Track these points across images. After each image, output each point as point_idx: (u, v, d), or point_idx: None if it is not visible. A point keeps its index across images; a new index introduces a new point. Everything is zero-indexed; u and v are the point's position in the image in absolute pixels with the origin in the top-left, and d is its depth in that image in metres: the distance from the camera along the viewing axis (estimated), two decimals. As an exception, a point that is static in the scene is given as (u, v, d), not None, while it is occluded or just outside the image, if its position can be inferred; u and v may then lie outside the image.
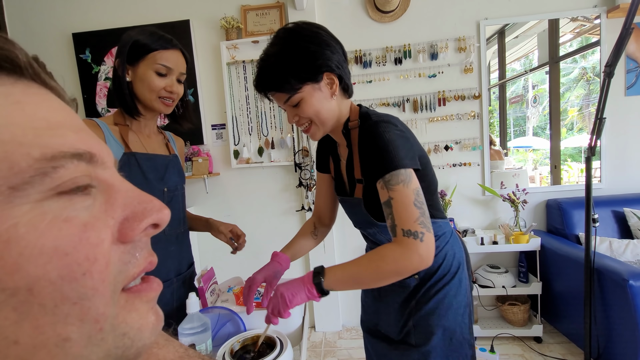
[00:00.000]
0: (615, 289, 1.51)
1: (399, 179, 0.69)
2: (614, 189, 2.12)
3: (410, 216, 0.68)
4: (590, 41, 2.38)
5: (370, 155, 0.74)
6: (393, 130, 0.73)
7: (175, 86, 0.88)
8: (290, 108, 0.77)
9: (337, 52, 0.76)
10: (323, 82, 0.75)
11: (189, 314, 0.66)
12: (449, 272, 0.84)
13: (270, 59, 0.74)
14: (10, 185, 0.16)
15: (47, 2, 2.26)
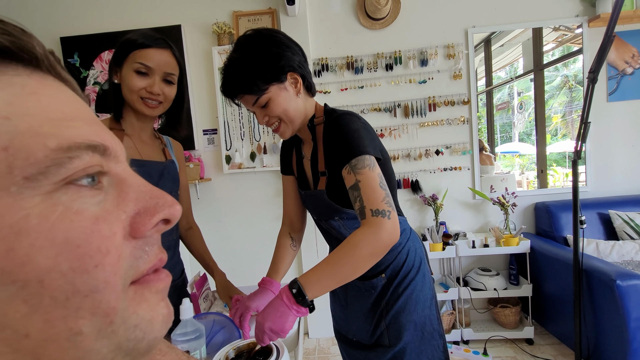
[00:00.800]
0: (603, 289, 1.54)
1: (364, 163, 0.74)
2: (599, 192, 2.18)
3: (377, 197, 0.71)
4: (572, 50, 2.47)
5: (336, 144, 0.78)
6: (357, 122, 0.79)
7: (157, 86, 0.83)
8: (259, 109, 0.80)
9: (297, 53, 0.81)
10: (287, 81, 0.79)
11: (183, 320, 0.64)
12: (413, 267, 0.87)
13: (235, 64, 0.77)
14: (25, 175, 0.16)
15: (35, 6, 2.22)
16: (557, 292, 1.88)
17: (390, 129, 2.20)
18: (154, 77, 0.84)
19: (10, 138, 0.16)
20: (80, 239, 0.18)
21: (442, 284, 2.19)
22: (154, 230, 0.22)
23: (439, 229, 2.09)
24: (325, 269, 0.70)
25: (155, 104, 0.86)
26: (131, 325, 0.20)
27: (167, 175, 0.92)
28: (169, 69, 0.86)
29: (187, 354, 0.42)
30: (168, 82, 0.87)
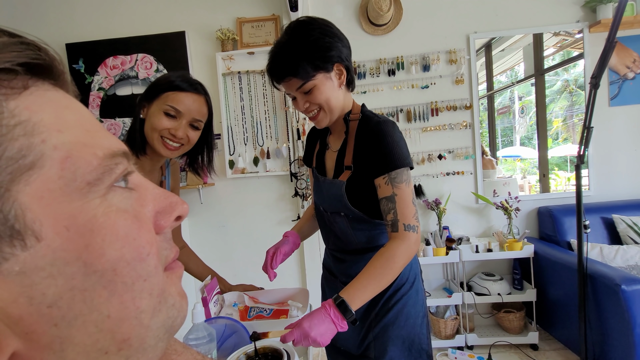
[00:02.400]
0: (608, 294, 1.54)
1: (403, 177, 0.77)
2: (602, 196, 2.19)
3: (410, 212, 0.77)
4: (572, 55, 2.49)
5: (375, 151, 0.79)
6: (397, 132, 0.81)
7: (181, 130, 0.83)
8: (301, 95, 0.81)
9: (346, 46, 0.83)
10: (333, 72, 0.81)
11: (195, 324, 0.64)
12: (407, 281, 0.87)
13: (286, 47, 0.78)
14: (88, 181, 0.19)
15: (40, 12, 2.24)
16: (562, 297, 1.88)
17: (393, 133, 2.21)
18: (181, 121, 0.84)
19: (68, 149, 0.18)
20: (135, 233, 0.20)
21: (445, 289, 2.18)
22: (170, 226, 0.24)
23: (442, 233, 2.09)
24: (367, 283, 0.73)
25: (175, 146, 0.85)
26: (170, 305, 0.23)
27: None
28: (198, 116, 0.86)
29: (204, 355, 0.42)
30: (194, 128, 0.87)
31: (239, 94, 2.23)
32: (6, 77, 0.17)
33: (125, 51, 2.19)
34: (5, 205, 0.16)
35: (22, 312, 0.16)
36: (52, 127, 0.18)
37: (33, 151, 0.17)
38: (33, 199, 0.16)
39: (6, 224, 0.15)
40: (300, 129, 2.14)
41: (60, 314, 0.17)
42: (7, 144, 0.16)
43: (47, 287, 0.16)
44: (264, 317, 0.87)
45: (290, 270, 2.30)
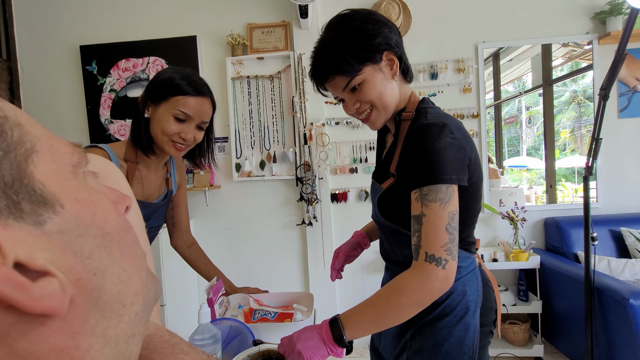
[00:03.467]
0: (615, 308, 1.51)
1: (437, 196, 0.63)
2: (610, 209, 2.16)
3: (438, 240, 0.62)
4: (581, 66, 2.48)
5: (413, 160, 0.67)
6: (446, 137, 0.65)
7: (190, 133, 0.86)
8: (349, 94, 0.72)
9: (394, 31, 0.72)
10: (383, 62, 0.71)
11: (200, 325, 0.65)
12: (452, 312, 0.72)
13: (327, 44, 0.71)
14: (72, 164, 0.22)
15: (56, 15, 2.30)
16: (568, 309, 1.85)
17: (399, 140, 2.21)
18: (190, 124, 0.85)
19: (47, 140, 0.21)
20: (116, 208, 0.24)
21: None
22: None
23: (447, 241, 2.08)
24: (368, 311, 0.64)
25: (183, 147, 0.88)
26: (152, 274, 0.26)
27: (158, 215, 0.98)
28: (205, 118, 0.88)
29: (209, 355, 0.43)
30: (200, 128, 0.89)
31: (247, 98, 2.25)
32: None
33: (138, 54, 2.23)
34: (29, 180, 0.18)
35: (72, 262, 0.19)
36: (25, 122, 0.20)
37: (28, 138, 0.19)
38: (44, 177, 0.19)
39: (36, 194, 0.18)
40: (307, 134, 2.15)
41: (96, 265, 0.20)
42: (10, 132, 0.18)
43: (82, 243, 0.20)
44: (269, 320, 0.87)
45: (293, 274, 2.30)
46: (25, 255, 0.17)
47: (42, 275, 0.17)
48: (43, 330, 0.17)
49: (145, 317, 0.24)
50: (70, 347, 0.19)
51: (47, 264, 0.17)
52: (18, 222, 0.17)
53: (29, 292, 0.16)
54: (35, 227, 0.18)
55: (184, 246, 1.11)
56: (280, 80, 2.23)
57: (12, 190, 0.17)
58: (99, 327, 0.20)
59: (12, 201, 0.17)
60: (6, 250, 0.16)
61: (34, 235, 0.18)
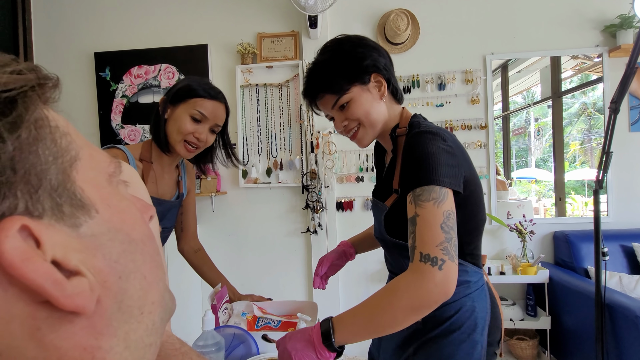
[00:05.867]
0: (627, 325, 1.47)
1: (430, 196, 0.62)
2: (622, 223, 2.12)
3: (432, 239, 0.59)
4: (590, 78, 2.46)
5: (407, 166, 0.68)
6: (438, 143, 0.66)
7: (204, 134, 0.91)
8: (338, 112, 0.76)
9: (383, 56, 0.77)
10: (371, 83, 0.75)
11: (204, 331, 0.65)
12: (460, 329, 0.70)
13: (319, 64, 0.76)
14: (108, 173, 0.23)
15: (72, 23, 2.37)
16: (578, 326, 1.80)
17: (406, 150, 2.21)
18: (204, 126, 0.91)
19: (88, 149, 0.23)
20: (142, 217, 0.25)
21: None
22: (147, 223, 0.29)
23: (454, 253, 2.05)
24: (359, 312, 0.62)
25: (194, 149, 0.93)
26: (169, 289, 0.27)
27: (171, 215, 1.01)
28: (219, 122, 0.94)
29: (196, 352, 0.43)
30: (212, 132, 0.95)
31: (255, 106, 2.28)
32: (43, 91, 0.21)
33: (150, 61, 2.28)
34: (72, 185, 0.20)
35: (101, 265, 0.20)
36: (71, 132, 0.22)
37: (73, 147, 0.21)
38: (84, 183, 0.21)
39: (76, 198, 0.20)
40: (314, 142, 2.16)
41: (121, 269, 0.21)
42: (59, 140, 0.20)
43: (110, 247, 0.21)
44: (272, 329, 0.87)
45: (297, 282, 2.29)
46: (61, 254, 0.18)
47: (74, 275, 0.18)
48: (70, 327, 0.18)
49: (161, 330, 0.25)
50: (93, 347, 0.19)
51: (79, 265, 0.19)
52: (58, 223, 0.18)
53: (63, 289, 0.17)
54: (72, 229, 0.19)
55: (191, 251, 1.12)
56: (289, 88, 2.25)
57: (56, 193, 0.19)
58: (121, 330, 0.21)
59: (56, 203, 0.18)
60: (46, 248, 0.17)
61: (70, 236, 0.19)
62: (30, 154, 0.18)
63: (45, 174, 0.18)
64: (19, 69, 0.19)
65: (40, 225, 0.17)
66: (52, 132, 0.19)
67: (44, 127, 0.19)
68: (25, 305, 0.17)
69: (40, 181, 0.18)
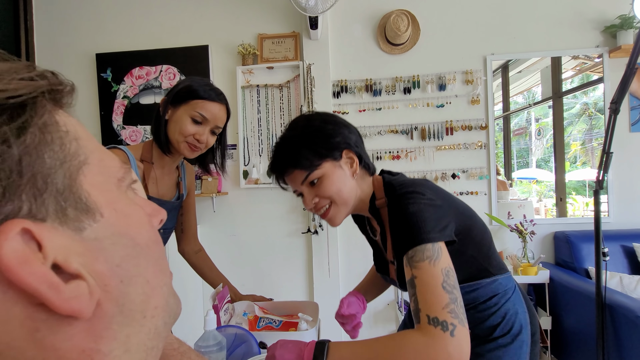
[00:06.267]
0: (628, 326, 1.47)
1: (424, 255, 0.61)
2: (623, 224, 2.12)
3: (437, 301, 0.57)
4: (591, 78, 2.46)
5: (395, 232, 0.68)
6: (418, 200, 0.66)
7: (205, 136, 0.91)
8: (308, 189, 0.73)
9: (353, 132, 0.76)
10: (343, 159, 0.73)
11: (206, 331, 0.65)
12: (508, 333, 0.73)
13: (287, 140, 0.74)
14: (117, 178, 0.24)
15: (74, 25, 2.38)
16: (578, 326, 1.81)
17: (406, 150, 2.21)
18: (205, 127, 0.91)
19: (99, 153, 0.23)
20: (150, 222, 0.25)
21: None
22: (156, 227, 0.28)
23: (454, 253, 2.05)
24: (360, 352, 0.59)
25: (197, 149, 0.93)
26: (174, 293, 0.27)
27: (171, 216, 1.02)
28: (220, 123, 0.94)
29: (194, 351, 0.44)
30: (213, 133, 0.95)
31: (256, 107, 2.28)
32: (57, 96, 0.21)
33: (151, 62, 2.29)
34: (77, 189, 0.20)
35: (102, 269, 0.20)
36: (83, 137, 0.22)
37: (83, 151, 0.21)
38: (90, 187, 0.21)
39: (81, 202, 0.20)
40: (314, 143, 2.17)
41: (123, 273, 0.21)
42: (68, 145, 0.20)
43: (113, 251, 0.21)
44: (273, 329, 0.87)
45: (298, 282, 2.29)
46: (62, 257, 0.18)
47: (74, 278, 0.19)
48: (69, 329, 0.19)
49: (165, 333, 0.25)
50: (92, 350, 0.19)
51: (80, 268, 0.19)
52: (62, 226, 0.19)
53: (60, 293, 0.18)
54: (76, 232, 0.19)
55: (192, 252, 1.13)
56: (289, 89, 2.26)
57: (62, 196, 0.19)
58: (122, 333, 0.21)
59: (61, 207, 0.19)
60: (48, 251, 0.18)
61: (73, 239, 0.19)
62: (37, 158, 0.18)
63: (51, 177, 0.18)
64: (30, 76, 0.19)
65: (42, 228, 0.18)
66: (61, 137, 0.20)
67: (52, 132, 0.19)
68: (24, 307, 0.17)
69: (46, 185, 0.18)
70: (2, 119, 0.17)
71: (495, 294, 0.76)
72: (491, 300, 0.76)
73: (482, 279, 0.75)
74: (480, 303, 0.76)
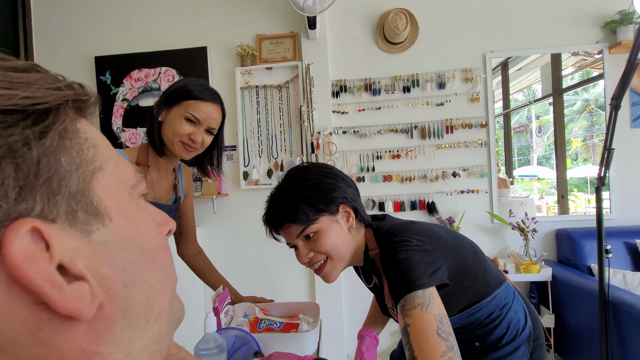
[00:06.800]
0: (631, 323, 1.46)
1: (414, 302, 0.60)
2: (625, 220, 2.11)
3: (433, 349, 0.56)
4: (592, 75, 2.45)
5: (388, 282, 0.67)
6: (406, 247, 0.66)
7: (199, 136, 0.90)
8: (303, 242, 0.73)
9: (350, 186, 0.76)
10: (340, 214, 0.73)
11: (206, 334, 0.65)
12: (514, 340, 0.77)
13: (284, 192, 0.73)
14: (130, 185, 0.24)
15: (73, 28, 2.38)
16: (582, 324, 1.80)
17: (406, 149, 2.21)
18: (199, 127, 0.90)
19: (116, 161, 0.24)
20: (158, 229, 0.26)
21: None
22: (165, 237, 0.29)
23: (456, 252, 2.05)
24: None
25: (192, 150, 0.92)
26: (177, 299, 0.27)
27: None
28: (214, 124, 0.93)
29: None
30: (209, 133, 0.94)
31: (255, 107, 2.28)
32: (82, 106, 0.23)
33: (150, 64, 2.29)
34: (90, 193, 0.21)
35: (107, 272, 0.20)
36: (102, 145, 0.23)
37: (98, 158, 0.22)
38: (103, 192, 0.22)
39: (92, 206, 0.21)
40: (314, 143, 2.17)
41: (128, 277, 0.22)
42: (86, 151, 0.21)
43: (120, 255, 0.21)
44: (274, 330, 0.87)
45: (299, 283, 2.29)
46: (69, 258, 0.19)
47: (77, 279, 0.19)
48: (71, 329, 0.19)
49: (168, 338, 0.25)
50: (92, 351, 0.20)
51: (85, 270, 0.19)
52: (71, 228, 0.19)
53: (62, 293, 0.18)
54: (84, 234, 0.20)
55: (191, 255, 1.12)
56: (289, 89, 2.26)
57: (74, 199, 0.20)
58: (125, 337, 0.21)
59: (72, 209, 0.20)
60: (55, 251, 0.18)
61: (81, 241, 0.20)
62: (55, 161, 0.19)
63: (66, 180, 0.19)
64: (57, 86, 0.21)
65: (52, 228, 0.18)
66: (80, 143, 0.21)
67: (72, 137, 0.21)
68: (27, 304, 0.18)
69: (60, 187, 0.19)
70: (26, 123, 0.18)
71: (495, 309, 0.78)
72: (493, 314, 0.78)
73: (483, 300, 0.77)
74: (484, 319, 0.78)
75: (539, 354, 0.80)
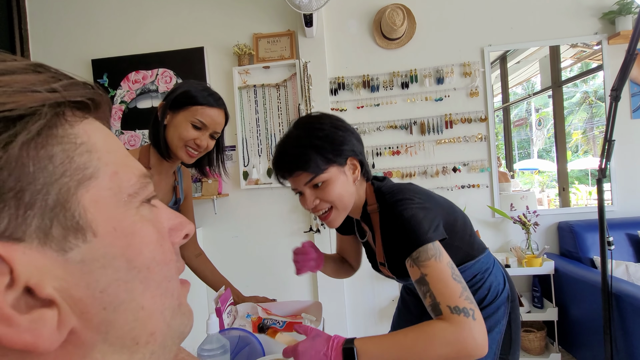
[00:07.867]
0: (635, 315, 1.46)
1: (428, 254, 0.66)
2: (627, 212, 2.10)
3: (453, 291, 0.62)
4: (591, 66, 2.44)
5: (395, 238, 0.73)
6: (410, 205, 0.71)
7: (204, 140, 0.92)
8: (310, 190, 0.74)
9: (358, 140, 0.79)
10: (347, 166, 0.76)
11: (209, 335, 0.65)
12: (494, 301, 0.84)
13: (294, 140, 0.74)
14: (129, 193, 0.22)
15: (69, 30, 2.37)
16: (585, 316, 1.79)
17: (406, 146, 2.20)
18: (205, 133, 0.92)
19: (115, 167, 0.22)
20: (163, 239, 0.24)
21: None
22: (179, 243, 0.27)
23: (458, 247, 2.05)
24: (389, 349, 0.61)
25: (195, 154, 0.93)
26: (183, 312, 0.26)
27: None
28: (218, 129, 0.95)
29: None
30: (212, 137, 0.95)
31: (254, 107, 2.27)
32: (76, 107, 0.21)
33: (147, 66, 2.28)
34: (73, 205, 0.19)
35: (82, 295, 0.19)
36: (103, 148, 0.22)
37: (92, 165, 0.20)
38: (91, 203, 0.20)
39: (73, 220, 0.19)
40: (313, 141, 2.16)
41: (109, 300, 0.20)
42: (76, 158, 0.20)
43: (100, 275, 0.20)
44: (277, 330, 0.86)
45: (301, 282, 2.29)
46: (36, 280, 0.17)
47: (45, 304, 0.17)
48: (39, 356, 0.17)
49: (165, 355, 0.24)
50: None
51: (55, 293, 0.18)
52: (43, 246, 0.18)
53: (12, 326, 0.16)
54: (59, 253, 0.18)
55: (192, 256, 1.12)
56: (287, 88, 2.25)
57: (50, 214, 0.18)
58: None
59: (45, 225, 0.18)
60: (18, 274, 0.16)
61: (54, 261, 0.18)
62: (26, 173, 0.17)
63: (42, 193, 0.17)
64: (45, 88, 0.19)
65: (15, 249, 0.16)
66: (67, 149, 0.19)
67: (55, 144, 0.19)
68: None
69: (33, 201, 0.17)
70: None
71: (479, 272, 0.86)
72: (476, 277, 0.85)
73: (467, 262, 0.84)
74: (469, 280, 0.84)
75: (516, 313, 0.88)
